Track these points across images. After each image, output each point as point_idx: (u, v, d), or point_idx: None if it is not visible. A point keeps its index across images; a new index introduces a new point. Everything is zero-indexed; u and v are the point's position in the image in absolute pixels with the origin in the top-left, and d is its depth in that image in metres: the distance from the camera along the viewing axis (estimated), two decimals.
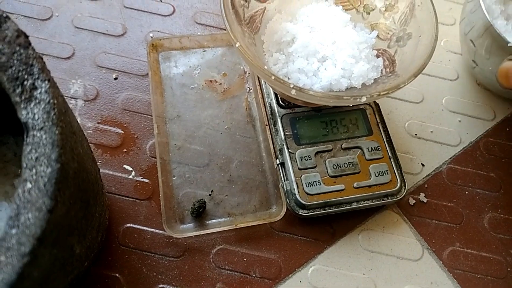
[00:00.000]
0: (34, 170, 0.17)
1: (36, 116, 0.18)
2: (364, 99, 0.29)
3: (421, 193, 0.39)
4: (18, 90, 0.19)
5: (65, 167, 0.18)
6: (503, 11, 0.40)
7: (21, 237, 0.17)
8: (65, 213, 0.18)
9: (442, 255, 0.37)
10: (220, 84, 0.41)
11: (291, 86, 0.28)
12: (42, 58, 0.20)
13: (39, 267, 0.18)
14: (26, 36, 0.20)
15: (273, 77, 0.29)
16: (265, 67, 0.30)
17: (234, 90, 0.40)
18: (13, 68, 0.19)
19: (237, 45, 0.29)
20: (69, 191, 0.19)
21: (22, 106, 0.18)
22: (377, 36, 0.37)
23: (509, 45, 0.36)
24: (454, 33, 0.48)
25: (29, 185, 0.17)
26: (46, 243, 0.17)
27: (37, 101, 0.18)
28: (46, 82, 0.19)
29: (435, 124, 0.43)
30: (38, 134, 0.18)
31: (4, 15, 0.20)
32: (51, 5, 0.43)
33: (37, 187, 0.17)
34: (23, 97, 0.19)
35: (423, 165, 0.41)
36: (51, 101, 0.18)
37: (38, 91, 0.19)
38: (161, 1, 0.45)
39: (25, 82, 0.19)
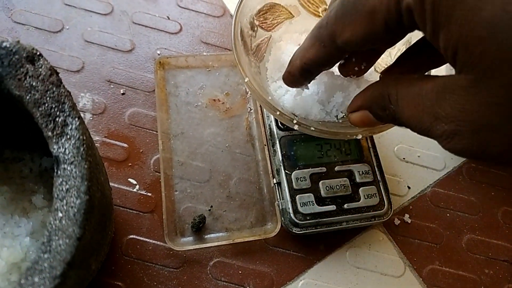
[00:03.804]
0: (64, 201, 0.20)
1: (67, 151, 0.20)
2: (359, 136, 0.31)
3: (406, 214, 0.42)
4: (50, 126, 0.21)
5: (92, 198, 0.20)
6: None
7: (53, 262, 0.19)
8: (89, 239, 0.20)
9: (422, 273, 0.40)
10: (223, 103, 0.43)
11: (294, 121, 0.31)
12: (71, 95, 0.22)
13: (66, 287, 0.20)
14: (57, 74, 0.22)
15: (277, 112, 0.31)
16: (270, 98, 0.32)
17: (236, 110, 0.43)
18: (46, 105, 0.21)
19: (246, 80, 0.32)
20: (94, 219, 0.21)
21: (54, 140, 0.21)
22: (374, 69, 0.39)
23: None
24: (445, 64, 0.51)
25: (60, 214, 0.19)
26: (74, 267, 0.19)
27: (68, 137, 0.21)
28: (77, 119, 0.21)
29: (423, 149, 0.46)
30: (69, 168, 0.20)
31: (38, 53, 0.22)
32: (62, 17, 0.45)
33: (68, 217, 0.19)
34: (55, 133, 0.21)
35: (409, 187, 0.44)
36: (81, 137, 0.21)
37: (69, 127, 0.21)
38: (169, 19, 0.47)
39: (57, 119, 0.21)
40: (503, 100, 0.18)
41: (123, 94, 0.42)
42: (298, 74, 0.29)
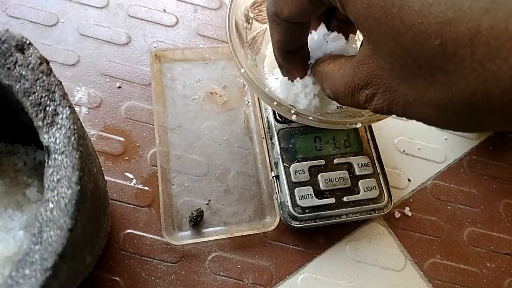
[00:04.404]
0: (55, 191, 0.19)
1: (58, 141, 0.20)
2: (359, 125, 0.31)
3: (406, 207, 0.42)
4: (41, 115, 0.20)
5: (84, 189, 0.20)
6: None
7: (44, 253, 0.18)
8: (82, 230, 0.20)
9: (423, 266, 0.40)
10: (220, 96, 0.42)
11: (292, 111, 0.30)
12: (62, 84, 0.21)
13: (58, 279, 0.19)
14: (48, 63, 0.22)
15: (275, 103, 0.30)
16: (267, 89, 0.31)
17: (233, 103, 0.42)
18: (36, 94, 0.20)
19: (242, 71, 0.31)
20: (87, 210, 0.20)
21: (44, 130, 0.20)
22: None
23: None
24: None
25: (51, 205, 0.19)
26: (66, 258, 0.19)
27: (59, 126, 0.20)
28: (67, 108, 0.20)
29: (423, 141, 0.45)
30: (60, 158, 0.20)
31: (28, 42, 0.22)
32: (57, 11, 0.44)
33: (59, 207, 0.19)
34: (45, 122, 0.20)
35: (409, 180, 0.43)
36: (72, 126, 0.20)
37: (60, 116, 0.20)
38: (165, 11, 0.46)
39: (48, 108, 0.20)
40: (392, 66, 0.21)
41: (119, 87, 0.42)
42: (283, 61, 0.32)
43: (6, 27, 0.43)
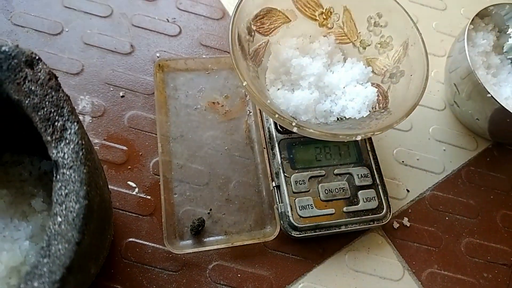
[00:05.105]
0: (64, 206, 0.20)
1: (66, 156, 0.20)
2: (359, 138, 0.32)
3: (404, 218, 0.42)
4: (49, 130, 0.21)
5: (91, 202, 0.20)
6: (485, 62, 0.44)
7: (52, 266, 0.19)
8: (89, 243, 0.20)
9: (421, 276, 0.40)
10: (222, 106, 0.43)
11: (293, 124, 0.31)
12: (70, 100, 0.22)
13: None
14: (57, 78, 0.22)
15: (276, 115, 0.31)
16: (268, 101, 0.32)
17: (235, 113, 0.43)
18: (45, 109, 0.21)
19: (244, 84, 0.32)
20: (94, 224, 0.21)
21: (53, 145, 0.21)
22: (372, 71, 0.39)
23: (488, 96, 0.39)
24: (444, 65, 0.51)
25: (59, 219, 0.19)
26: (73, 271, 0.19)
27: (67, 141, 0.21)
28: (75, 123, 0.21)
29: (422, 152, 0.46)
30: (68, 172, 0.20)
31: (37, 57, 0.22)
32: (62, 20, 0.45)
33: (67, 221, 0.19)
34: (54, 137, 0.21)
35: (408, 191, 0.44)
36: (80, 141, 0.21)
37: (68, 132, 0.21)
38: (168, 21, 0.47)
39: (56, 123, 0.21)
40: None
41: (122, 96, 0.42)
42: None
43: (11, 35, 0.43)
